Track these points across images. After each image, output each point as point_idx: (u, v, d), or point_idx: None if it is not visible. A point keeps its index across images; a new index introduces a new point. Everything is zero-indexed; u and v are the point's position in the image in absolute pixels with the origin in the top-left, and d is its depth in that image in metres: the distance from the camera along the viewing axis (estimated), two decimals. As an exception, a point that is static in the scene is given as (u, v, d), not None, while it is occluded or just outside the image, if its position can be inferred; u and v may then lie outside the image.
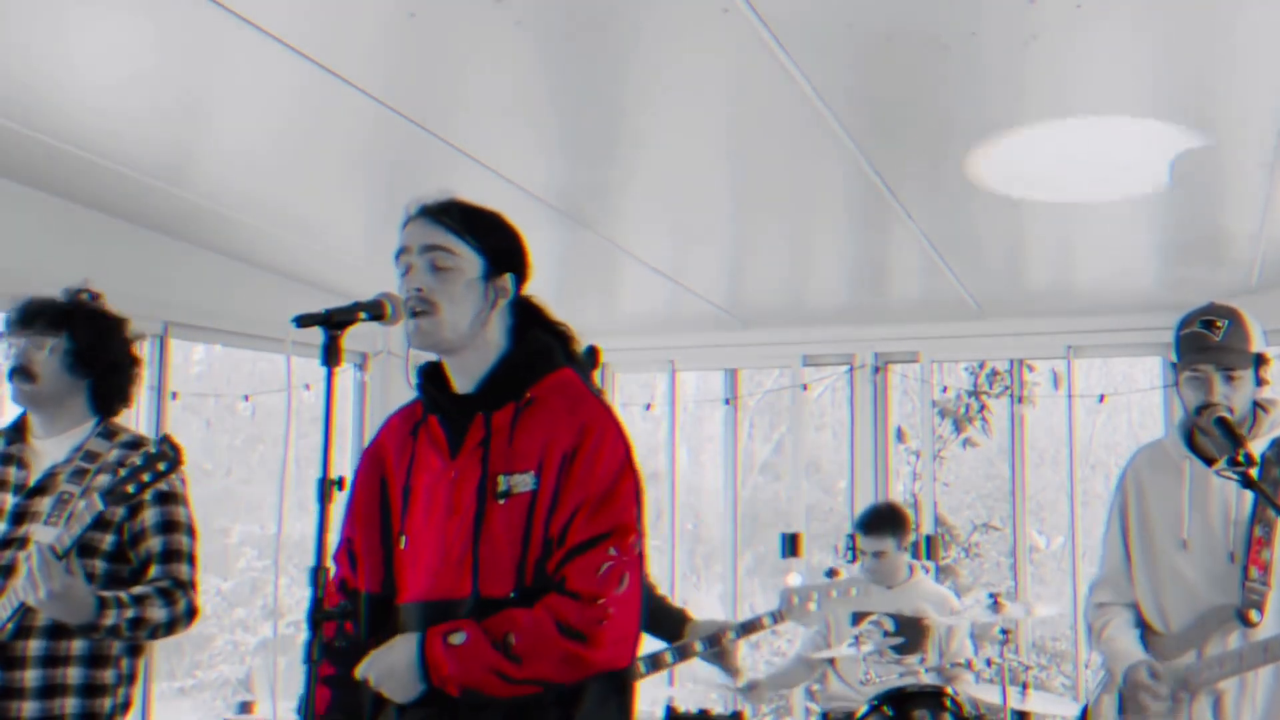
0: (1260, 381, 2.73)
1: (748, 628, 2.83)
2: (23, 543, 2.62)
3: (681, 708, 4.27)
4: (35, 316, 2.71)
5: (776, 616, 2.86)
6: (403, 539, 2.03)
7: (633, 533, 1.94)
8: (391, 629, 1.99)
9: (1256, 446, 2.68)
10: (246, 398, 5.80)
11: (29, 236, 3.60)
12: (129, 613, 2.56)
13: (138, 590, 2.61)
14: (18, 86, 2.77)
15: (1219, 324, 2.70)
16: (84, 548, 2.57)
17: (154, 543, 2.67)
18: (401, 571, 2.03)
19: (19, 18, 2.36)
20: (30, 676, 2.60)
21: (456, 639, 1.86)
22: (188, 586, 2.68)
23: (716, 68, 2.58)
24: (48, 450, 2.73)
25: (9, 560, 2.63)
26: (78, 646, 2.63)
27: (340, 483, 1.81)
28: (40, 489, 2.68)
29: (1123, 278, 4.72)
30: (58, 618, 2.51)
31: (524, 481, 1.94)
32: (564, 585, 1.90)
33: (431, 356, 2.08)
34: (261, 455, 12.71)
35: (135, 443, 2.74)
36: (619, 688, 1.99)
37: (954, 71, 2.58)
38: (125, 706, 2.77)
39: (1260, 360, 2.72)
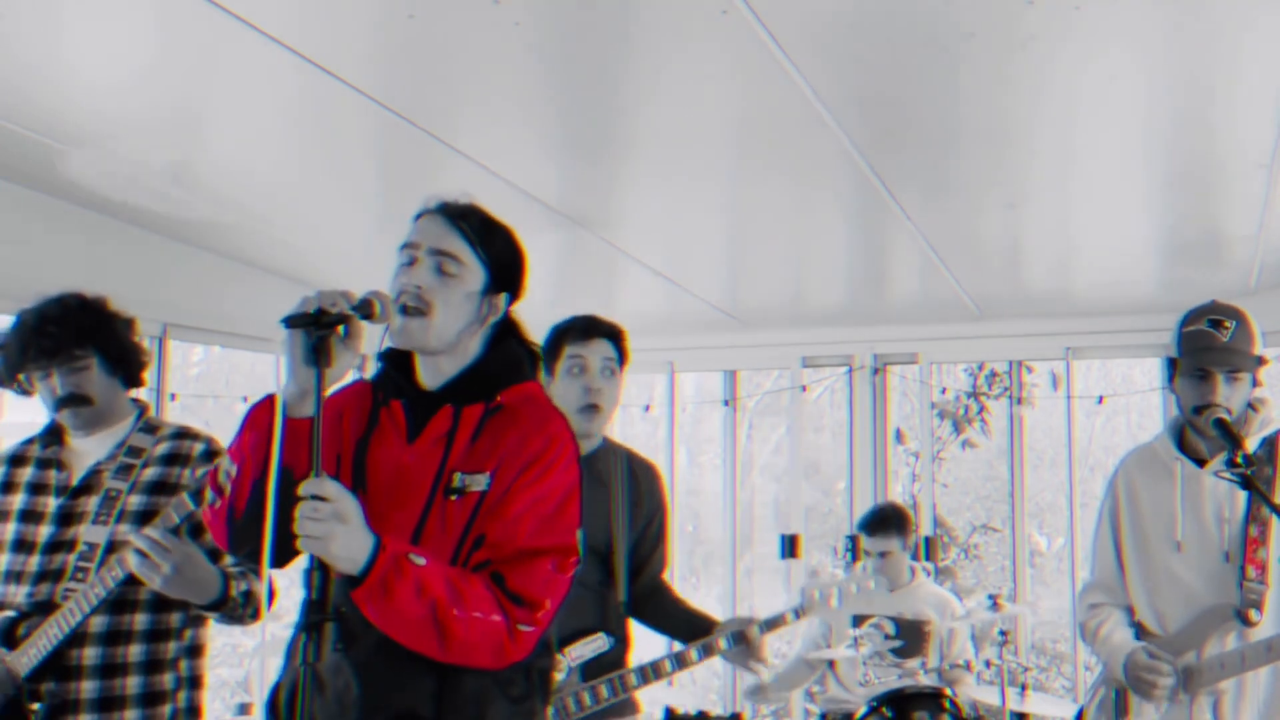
0: (1256, 384, 2.73)
1: (772, 624, 2.89)
2: (71, 545, 2.53)
3: (680, 709, 4.26)
4: (53, 345, 2.54)
5: (799, 612, 2.90)
6: None
7: (573, 555, 1.93)
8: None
9: (1248, 445, 2.67)
10: (245, 399, 5.79)
11: (29, 236, 3.60)
12: (243, 585, 2.49)
13: (229, 566, 2.52)
14: (19, 88, 2.77)
15: (1227, 324, 2.68)
16: (196, 526, 2.42)
17: None
18: None
19: (20, 20, 2.36)
20: (86, 688, 2.47)
21: (419, 559, 1.76)
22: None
23: (716, 68, 2.58)
24: (88, 448, 2.65)
25: (59, 564, 2.53)
26: (135, 653, 2.53)
27: None
28: (84, 488, 2.59)
29: (1121, 279, 4.72)
30: (182, 596, 2.40)
31: (478, 481, 1.90)
32: (503, 582, 1.85)
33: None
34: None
35: (182, 433, 2.69)
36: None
37: (953, 72, 2.57)
38: (192, 713, 2.63)
39: (1259, 363, 2.72)
